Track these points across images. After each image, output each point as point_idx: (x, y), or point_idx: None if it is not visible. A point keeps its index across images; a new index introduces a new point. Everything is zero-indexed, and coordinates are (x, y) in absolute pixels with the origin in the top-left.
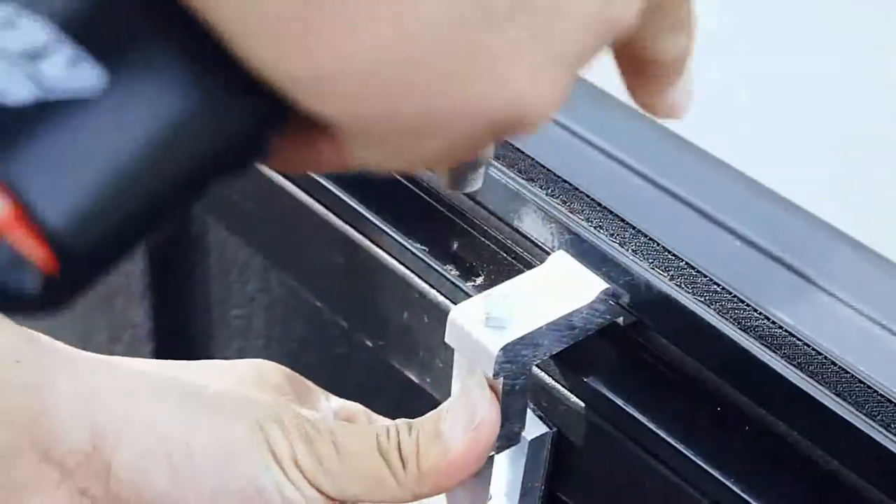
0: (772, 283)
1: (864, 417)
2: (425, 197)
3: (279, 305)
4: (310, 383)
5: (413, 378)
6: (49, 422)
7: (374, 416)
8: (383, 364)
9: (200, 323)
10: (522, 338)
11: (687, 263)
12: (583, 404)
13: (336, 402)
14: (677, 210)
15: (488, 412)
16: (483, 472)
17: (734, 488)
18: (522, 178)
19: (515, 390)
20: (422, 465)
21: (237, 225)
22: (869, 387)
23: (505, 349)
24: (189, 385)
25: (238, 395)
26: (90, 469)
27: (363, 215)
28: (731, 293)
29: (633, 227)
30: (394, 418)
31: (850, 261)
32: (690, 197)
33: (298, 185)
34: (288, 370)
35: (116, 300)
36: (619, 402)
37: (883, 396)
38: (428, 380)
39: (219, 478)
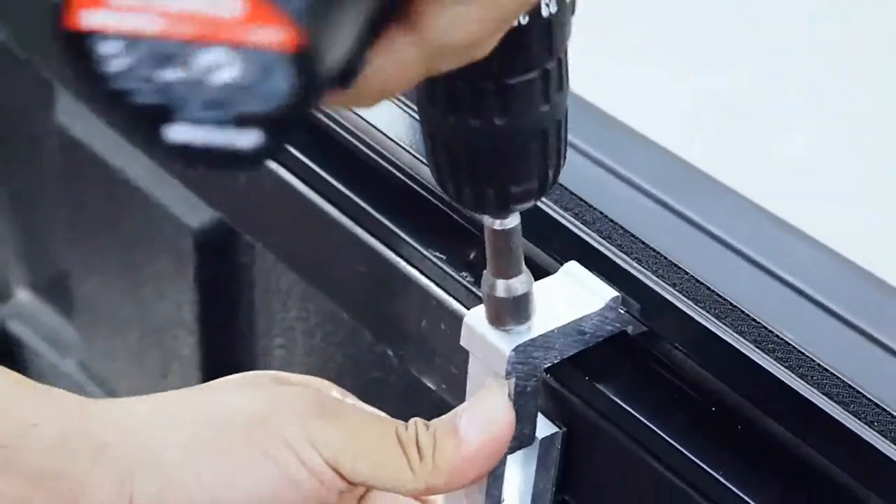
0: (773, 298)
1: (860, 421)
2: (444, 208)
3: (318, 331)
4: (328, 383)
5: (430, 385)
6: (70, 480)
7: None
8: (418, 385)
9: (246, 353)
10: (534, 340)
11: (691, 276)
12: (592, 408)
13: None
14: (682, 228)
15: (503, 412)
16: (496, 473)
17: (740, 493)
18: None
19: (527, 392)
20: (437, 458)
21: (269, 238)
22: (867, 397)
23: (517, 350)
24: (194, 413)
25: (244, 408)
26: None
27: (386, 226)
28: (733, 305)
29: (641, 241)
30: None
31: (850, 279)
32: (696, 216)
33: (325, 198)
34: (307, 376)
35: (167, 335)
36: (627, 406)
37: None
38: (444, 386)
39: (231, 493)
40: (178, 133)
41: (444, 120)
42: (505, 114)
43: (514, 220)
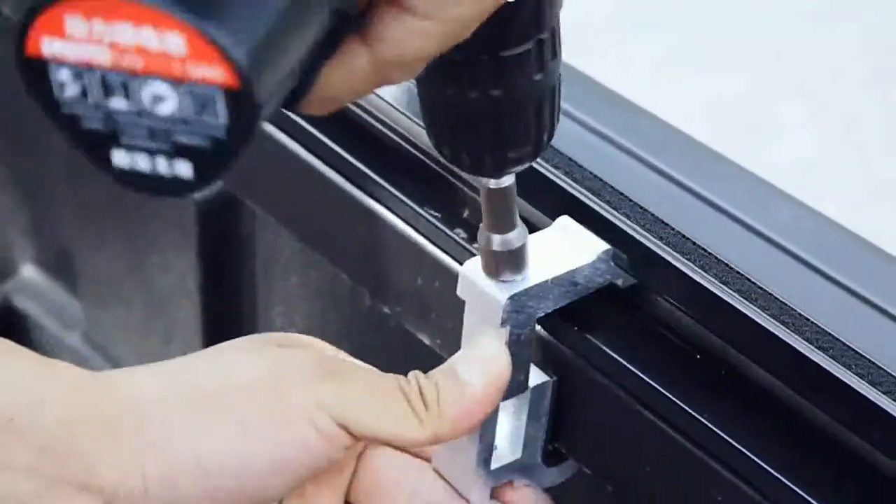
0: (756, 253)
1: (839, 365)
2: (439, 169)
3: (317, 299)
4: (324, 344)
5: (425, 341)
6: (80, 455)
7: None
8: (414, 345)
9: (247, 320)
10: (529, 290)
11: (678, 231)
12: (582, 358)
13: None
14: (668, 188)
15: (500, 355)
16: (489, 420)
17: (724, 435)
18: None
19: (521, 340)
20: (442, 405)
21: (270, 204)
22: (844, 343)
23: (513, 299)
24: (203, 384)
25: (252, 376)
26: (127, 491)
27: (382, 187)
28: (717, 258)
29: (629, 199)
30: None
31: (829, 236)
32: (682, 178)
33: (325, 161)
34: (301, 336)
35: (170, 305)
36: (616, 355)
37: (858, 353)
38: (439, 342)
39: (243, 459)
40: (122, 159)
41: (441, 91)
42: (501, 84)
43: (509, 180)
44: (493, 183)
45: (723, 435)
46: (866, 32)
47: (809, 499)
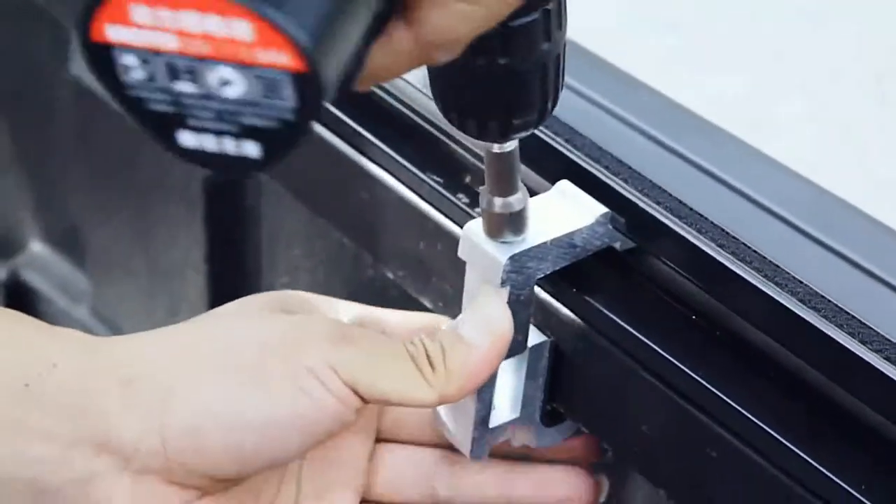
0: (752, 219)
1: (831, 324)
2: (442, 137)
3: (321, 269)
4: (325, 297)
5: (428, 304)
6: (97, 416)
7: (388, 313)
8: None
9: (252, 291)
10: (528, 250)
11: (675, 197)
12: (580, 319)
13: (350, 308)
14: (665, 157)
15: (502, 313)
16: (487, 381)
17: (719, 393)
18: None
19: (520, 300)
20: (448, 366)
21: (277, 172)
22: (835, 304)
23: (512, 259)
24: (217, 343)
25: (264, 337)
26: (147, 448)
27: (387, 153)
28: (714, 223)
29: (628, 166)
30: None
31: (819, 202)
32: (679, 147)
33: (330, 129)
34: (300, 292)
35: (176, 277)
36: (614, 316)
37: (849, 313)
38: (441, 304)
39: (262, 416)
40: (190, 139)
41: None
42: (508, 53)
43: (512, 145)
44: (497, 147)
45: (718, 393)
46: (866, 32)
47: (801, 454)
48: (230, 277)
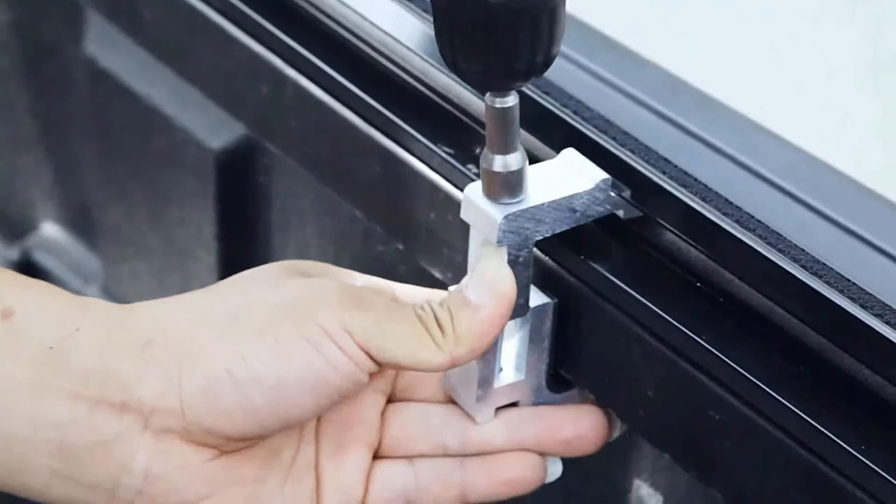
0: (756, 190)
1: (833, 289)
2: (452, 110)
3: (331, 247)
4: (336, 267)
5: (437, 275)
6: (118, 377)
7: (397, 285)
8: (433, 285)
9: None
10: (525, 211)
11: (680, 168)
12: (584, 285)
13: (363, 278)
14: (669, 130)
15: (503, 272)
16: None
17: (722, 356)
18: (540, 92)
19: (519, 262)
20: (457, 328)
21: (290, 146)
22: (836, 271)
23: (508, 218)
24: (233, 306)
25: (279, 299)
26: (165, 408)
27: (398, 125)
28: (718, 193)
29: (634, 137)
30: None
31: (816, 173)
32: (684, 121)
33: (343, 102)
34: (315, 262)
35: (187, 256)
36: (618, 281)
37: (849, 280)
38: (450, 275)
39: (277, 376)
40: None
41: None
42: None
43: (512, 100)
44: (498, 102)
45: (722, 357)
46: (864, 30)
47: (803, 415)
48: (242, 256)
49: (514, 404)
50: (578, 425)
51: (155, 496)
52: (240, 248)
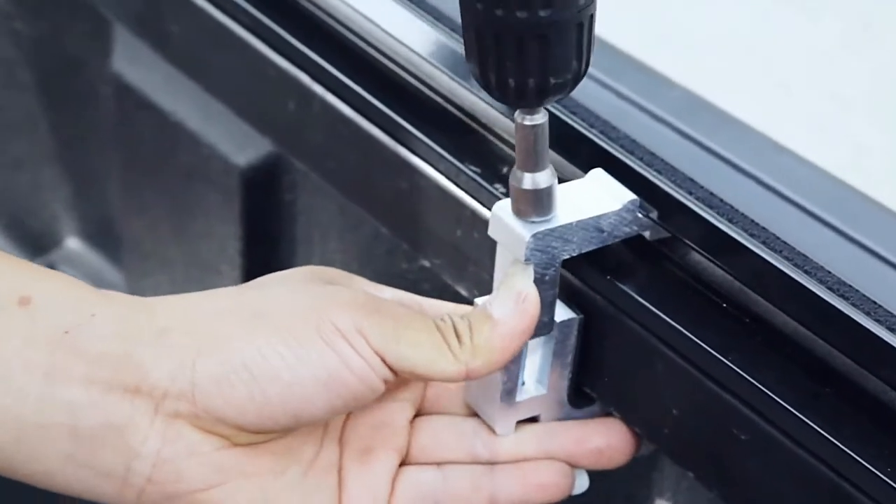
0: (779, 211)
1: (860, 311)
2: (479, 129)
3: (354, 263)
4: (363, 278)
5: (463, 292)
6: (132, 361)
7: (425, 300)
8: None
9: None
10: (553, 230)
11: (705, 189)
12: (610, 304)
13: (391, 291)
14: (694, 150)
15: (528, 289)
16: (515, 357)
17: (747, 376)
18: (567, 112)
19: (545, 280)
20: (475, 340)
21: (317, 163)
22: (862, 293)
23: (536, 237)
24: (253, 303)
25: (299, 300)
26: (176, 392)
27: (426, 144)
28: (743, 214)
29: (660, 158)
30: None
31: (839, 194)
32: (707, 141)
33: (371, 120)
34: (341, 271)
35: (211, 270)
36: (645, 302)
37: (876, 303)
38: (476, 293)
39: (292, 371)
40: None
41: (491, 13)
42: (549, 6)
43: (542, 118)
44: (528, 119)
45: (747, 376)
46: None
47: (828, 436)
48: (265, 272)
49: (534, 418)
50: (608, 437)
51: (164, 483)
52: (263, 264)
